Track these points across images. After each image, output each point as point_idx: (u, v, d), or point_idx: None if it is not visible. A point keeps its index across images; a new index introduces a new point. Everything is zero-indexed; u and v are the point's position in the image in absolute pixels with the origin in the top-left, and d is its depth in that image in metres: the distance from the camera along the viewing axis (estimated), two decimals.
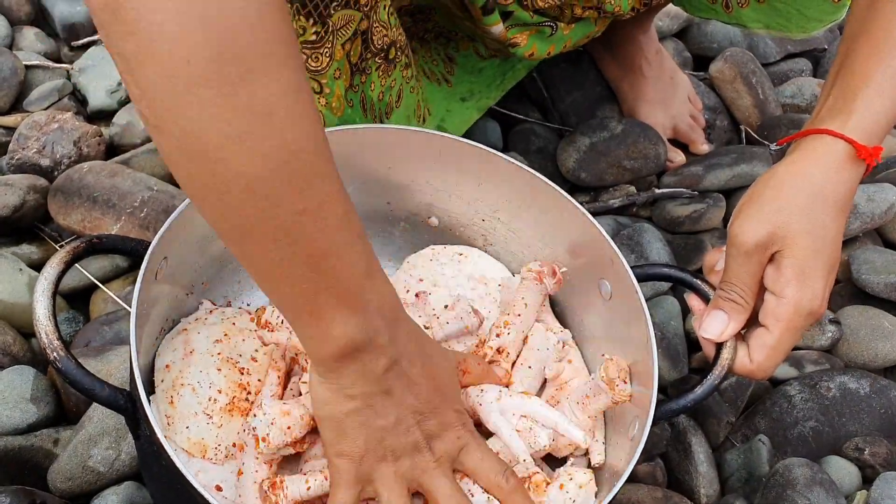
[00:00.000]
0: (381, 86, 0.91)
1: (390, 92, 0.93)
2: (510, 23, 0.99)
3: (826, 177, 0.75)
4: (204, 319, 0.80)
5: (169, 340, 0.78)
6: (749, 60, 1.34)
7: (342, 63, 0.85)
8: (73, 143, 1.12)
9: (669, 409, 0.76)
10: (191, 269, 0.82)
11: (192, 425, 0.72)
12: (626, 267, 0.80)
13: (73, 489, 0.84)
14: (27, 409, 0.89)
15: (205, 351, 0.76)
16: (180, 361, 0.75)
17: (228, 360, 0.76)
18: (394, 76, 0.92)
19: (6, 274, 0.99)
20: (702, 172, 1.21)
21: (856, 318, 1.09)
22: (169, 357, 0.76)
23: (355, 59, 0.86)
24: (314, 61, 0.84)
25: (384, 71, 0.90)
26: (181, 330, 0.79)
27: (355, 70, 0.88)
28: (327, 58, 0.83)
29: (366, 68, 0.88)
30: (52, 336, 0.66)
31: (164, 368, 0.76)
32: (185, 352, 0.76)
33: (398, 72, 0.92)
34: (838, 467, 0.95)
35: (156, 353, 0.77)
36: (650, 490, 0.92)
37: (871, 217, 1.16)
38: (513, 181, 0.87)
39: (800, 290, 0.75)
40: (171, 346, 0.77)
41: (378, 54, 0.88)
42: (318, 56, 0.83)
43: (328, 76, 0.85)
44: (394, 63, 0.91)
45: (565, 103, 1.30)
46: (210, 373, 0.75)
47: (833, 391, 1.00)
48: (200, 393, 0.73)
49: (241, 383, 0.75)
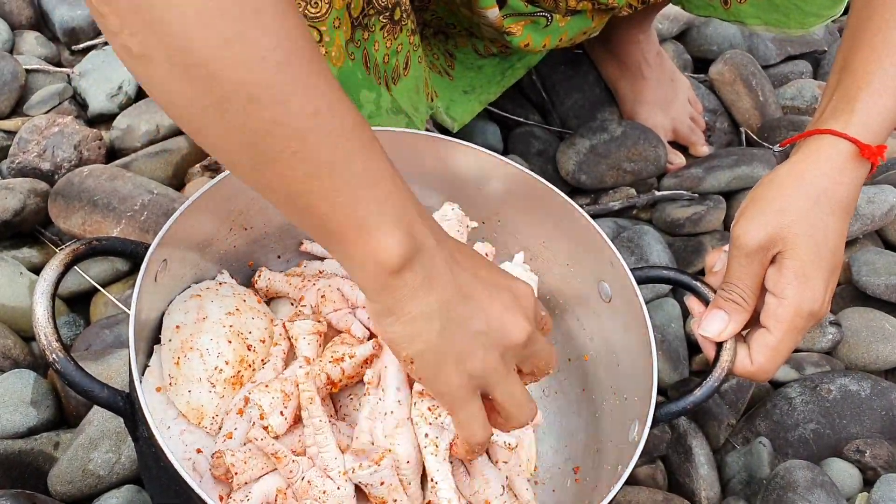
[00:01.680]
0: (387, 48, 0.89)
1: (396, 56, 0.91)
2: (505, 12, 0.99)
3: (829, 178, 0.75)
4: (216, 290, 0.80)
5: (181, 302, 0.78)
6: (749, 62, 1.34)
7: (342, 13, 0.83)
8: (74, 147, 1.12)
9: (669, 411, 0.76)
10: (191, 272, 0.82)
11: (195, 390, 0.73)
12: (625, 269, 0.80)
13: (73, 492, 0.84)
14: (27, 413, 0.89)
15: (217, 320, 0.76)
16: (192, 325, 0.75)
17: (239, 335, 0.76)
18: (400, 40, 0.91)
19: (7, 277, 0.99)
20: (702, 174, 1.21)
21: (856, 320, 1.09)
22: (180, 318, 0.76)
23: (356, 12, 0.85)
24: (313, 7, 0.82)
25: (389, 31, 0.89)
26: (194, 295, 0.79)
27: (357, 24, 0.86)
28: (326, 4, 0.82)
29: (368, 25, 0.87)
30: (51, 338, 0.66)
31: (173, 328, 0.76)
32: (199, 317, 0.76)
33: (405, 36, 0.91)
34: (839, 469, 0.95)
35: (165, 311, 0.77)
36: (651, 492, 0.92)
37: (872, 219, 1.16)
38: (513, 183, 0.87)
39: (801, 291, 0.75)
40: (183, 308, 0.77)
41: (382, 13, 0.87)
42: (317, 2, 0.82)
43: (327, 24, 0.83)
44: (399, 25, 0.89)
45: (565, 106, 1.30)
46: (220, 343, 0.75)
47: (834, 393, 1.00)
48: (208, 360, 0.73)
49: (247, 360, 0.75)
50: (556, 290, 0.90)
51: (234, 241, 0.84)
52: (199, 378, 0.73)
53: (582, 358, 0.89)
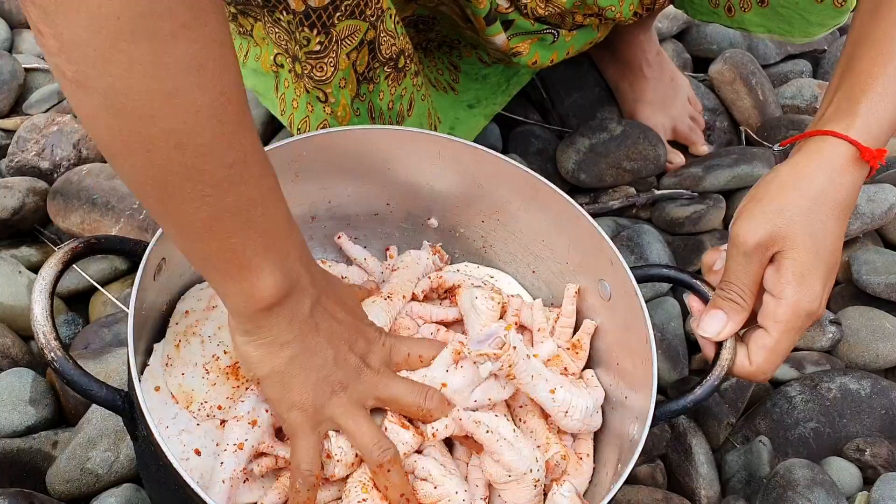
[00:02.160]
0: (391, 94, 0.91)
1: (401, 101, 0.93)
2: (512, 31, 0.99)
3: (829, 179, 0.75)
4: None
5: (196, 290, 0.80)
6: (749, 62, 1.34)
7: (348, 72, 0.85)
8: (73, 146, 1.12)
9: (669, 410, 0.76)
10: (190, 271, 0.81)
11: (189, 374, 0.74)
12: (625, 268, 0.80)
13: (71, 491, 0.84)
14: (26, 412, 0.89)
15: (226, 311, 0.77)
16: (200, 312, 0.77)
17: None
18: (404, 85, 0.92)
19: (5, 276, 0.99)
20: (702, 173, 1.21)
21: (856, 319, 1.08)
22: (191, 304, 0.78)
23: (362, 68, 0.87)
24: (319, 71, 0.84)
25: (394, 80, 0.90)
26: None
27: (362, 79, 0.88)
28: (332, 67, 0.84)
29: (374, 77, 0.88)
30: (49, 336, 0.66)
31: (182, 313, 0.78)
32: (209, 305, 0.78)
33: (408, 80, 0.93)
34: (839, 468, 0.94)
35: (180, 298, 0.79)
36: (650, 491, 0.91)
37: (872, 218, 1.16)
38: (513, 182, 0.87)
39: (798, 291, 0.75)
40: (196, 296, 0.79)
41: (387, 63, 0.88)
42: (322, 66, 0.84)
43: (333, 85, 0.85)
44: (403, 72, 0.91)
45: (565, 105, 1.30)
46: (223, 332, 0.76)
47: (834, 392, 1.00)
48: (208, 347, 0.75)
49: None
50: (556, 289, 0.89)
51: None
52: (195, 363, 0.74)
53: None
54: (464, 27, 0.99)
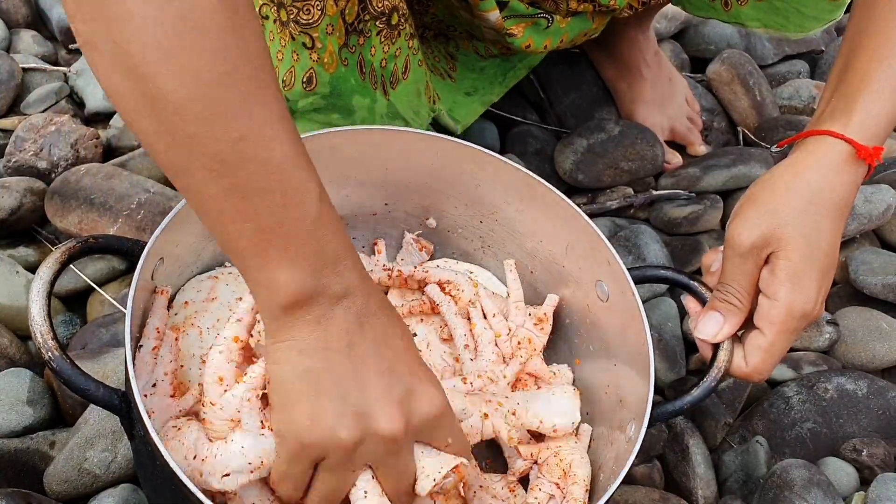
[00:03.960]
0: (384, 52, 0.89)
1: (395, 61, 0.91)
2: (506, 13, 0.99)
3: (824, 179, 0.75)
4: (236, 276, 0.81)
5: (197, 281, 0.80)
6: (746, 62, 1.34)
7: (335, 19, 0.84)
8: (71, 146, 1.12)
9: (666, 411, 0.76)
10: (187, 271, 0.81)
11: (186, 365, 0.74)
12: (622, 269, 0.80)
13: (69, 492, 0.84)
14: (23, 412, 0.89)
15: (226, 303, 0.77)
16: (200, 303, 0.77)
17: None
18: (398, 44, 0.91)
19: (3, 276, 0.99)
20: (699, 174, 1.21)
21: (853, 320, 1.09)
22: (191, 295, 0.78)
23: (351, 18, 0.85)
24: (305, 14, 0.82)
25: (387, 37, 0.89)
26: (212, 276, 0.80)
27: (351, 30, 0.86)
28: (319, 11, 0.82)
29: (364, 30, 0.87)
30: (47, 336, 0.65)
31: (182, 304, 0.77)
32: (209, 297, 0.77)
33: (403, 40, 0.91)
34: (836, 468, 0.95)
35: (180, 289, 0.79)
36: (648, 491, 0.91)
37: (869, 218, 1.16)
38: (510, 183, 0.87)
39: (792, 292, 0.75)
40: (196, 287, 0.79)
41: (378, 18, 0.87)
42: (309, 9, 0.82)
43: (320, 30, 0.83)
44: (397, 30, 0.89)
45: (563, 105, 1.30)
46: (222, 324, 0.75)
47: (831, 392, 1.00)
48: (206, 339, 0.74)
49: (248, 346, 0.75)
50: (554, 290, 0.90)
51: None
52: (192, 354, 0.74)
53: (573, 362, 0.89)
54: (458, 5, 0.99)
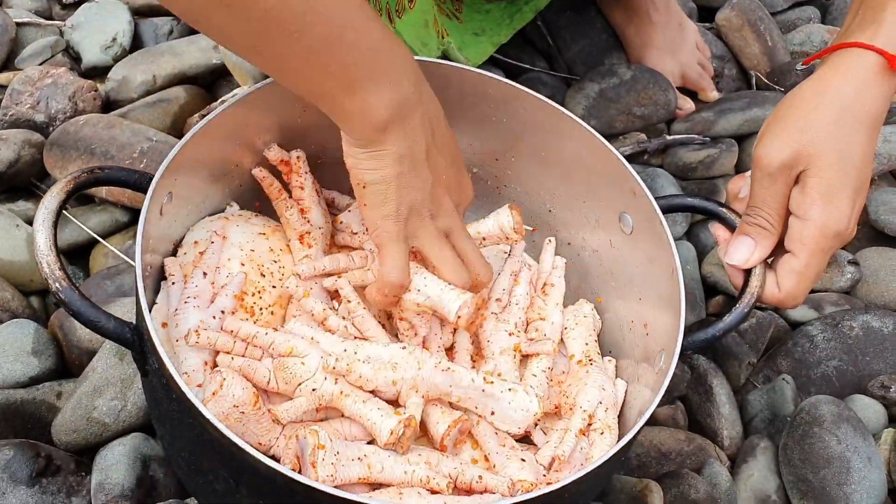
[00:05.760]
0: None
1: None
2: None
3: (855, 91, 0.72)
4: (247, 217, 0.80)
5: (207, 221, 0.78)
6: (756, 8, 1.31)
7: None
8: (68, 98, 1.09)
9: (698, 339, 0.74)
10: (196, 209, 0.79)
11: None
12: (649, 198, 0.77)
13: (77, 441, 0.82)
14: (28, 362, 0.86)
15: (235, 243, 0.76)
16: (209, 243, 0.75)
17: (253, 261, 0.76)
18: None
19: (3, 230, 0.96)
20: (713, 118, 1.18)
21: (875, 260, 1.07)
22: (201, 235, 0.76)
23: None
24: None
25: None
26: (221, 217, 0.79)
27: None
28: None
29: None
30: (54, 266, 0.63)
31: (192, 243, 0.76)
32: (219, 236, 0.76)
33: None
34: (863, 406, 0.93)
35: (189, 229, 0.78)
36: (673, 432, 0.89)
37: (889, 158, 1.14)
38: (532, 114, 0.84)
39: (825, 211, 0.72)
40: (207, 227, 0.77)
41: None
42: None
43: None
44: None
45: (571, 52, 1.27)
46: (232, 264, 0.74)
47: (856, 330, 0.97)
48: (217, 279, 0.73)
49: (256, 284, 0.75)
50: (573, 227, 0.87)
51: (241, 178, 0.81)
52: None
53: (595, 299, 0.86)
54: None
